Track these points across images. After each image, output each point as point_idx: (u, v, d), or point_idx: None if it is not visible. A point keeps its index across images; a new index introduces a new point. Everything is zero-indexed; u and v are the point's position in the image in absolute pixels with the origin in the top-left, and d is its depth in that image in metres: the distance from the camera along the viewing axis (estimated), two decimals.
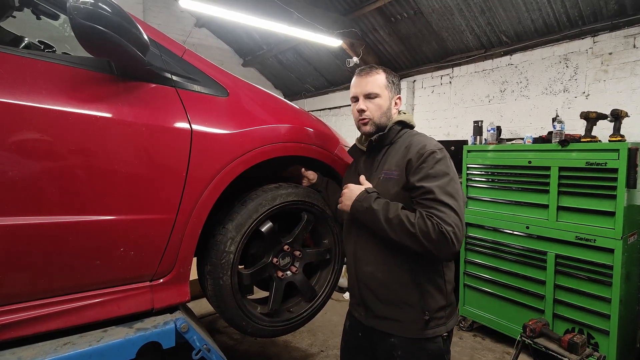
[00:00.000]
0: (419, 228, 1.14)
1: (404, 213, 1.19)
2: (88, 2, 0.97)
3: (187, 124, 1.26)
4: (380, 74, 1.37)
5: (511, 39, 4.08)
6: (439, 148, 1.25)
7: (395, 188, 1.27)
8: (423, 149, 1.24)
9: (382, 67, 1.40)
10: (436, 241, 1.13)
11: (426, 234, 1.13)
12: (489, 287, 3.14)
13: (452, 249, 1.13)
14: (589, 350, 2.10)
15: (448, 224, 1.12)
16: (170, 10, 6.47)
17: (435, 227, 1.12)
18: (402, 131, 1.38)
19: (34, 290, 1.07)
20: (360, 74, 1.39)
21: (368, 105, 1.36)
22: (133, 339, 1.15)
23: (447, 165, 1.23)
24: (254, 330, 1.55)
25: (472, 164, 3.25)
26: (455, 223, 1.13)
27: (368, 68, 1.39)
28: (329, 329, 3.29)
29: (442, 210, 1.14)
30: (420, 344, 1.28)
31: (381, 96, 1.36)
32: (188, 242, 1.30)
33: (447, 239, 1.12)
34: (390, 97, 1.38)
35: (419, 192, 1.20)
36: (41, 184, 1.03)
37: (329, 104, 7.09)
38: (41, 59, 1.08)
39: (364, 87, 1.36)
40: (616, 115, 2.62)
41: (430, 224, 1.13)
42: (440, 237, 1.12)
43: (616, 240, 2.38)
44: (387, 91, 1.37)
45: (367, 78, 1.36)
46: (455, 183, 1.21)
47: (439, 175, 1.19)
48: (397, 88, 1.41)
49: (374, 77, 1.36)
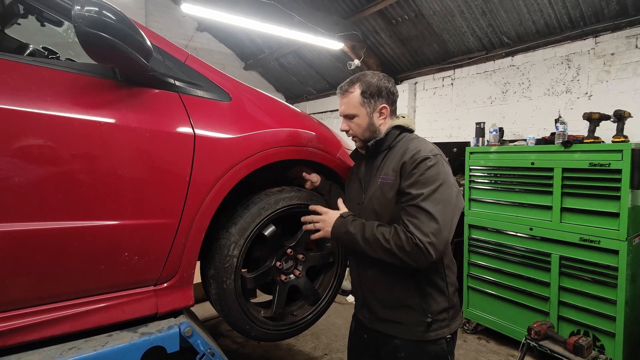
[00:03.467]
0: (394, 243, 1.17)
1: (379, 231, 1.21)
2: (92, 10, 0.98)
3: (190, 128, 1.27)
4: (355, 92, 1.34)
5: (513, 40, 4.08)
6: (433, 154, 1.23)
7: (392, 192, 1.27)
8: (417, 154, 1.23)
9: (361, 79, 1.35)
10: (411, 253, 1.15)
11: (401, 248, 1.15)
12: (492, 289, 3.12)
13: (428, 259, 1.14)
14: (595, 352, 2.08)
15: (424, 234, 1.13)
16: (172, 15, 6.51)
17: (409, 240, 1.14)
18: (401, 135, 1.37)
19: (39, 296, 1.07)
20: (339, 92, 1.40)
21: (350, 125, 1.39)
22: (137, 343, 1.15)
23: (438, 171, 1.20)
24: (257, 334, 1.55)
25: (475, 165, 3.24)
26: (432, 232, 1.13)
27: (346, 85, 1.38)
28: (333, 332, 3.28)
29: (421, 219, 1.15)
30: (424, 346, 1.28)
31: (358, 115, 1.36)
32: (191, 246, 1.31)
33: (421, 250, 1.13)
34: (368, 113, 1.35)
35: (405, 197, 1.21)
36: (46, 189, 1.04)
37: (330, 107, 7.10)
38: (45, 66, 1.09)
39: (342, 109, 1.39)
40: (619, 115, 2.61)
41: (404, 237, 1.15)
42: (415, 249, 1.14)
43: (621, 242, 2.37)
44: (364, 108, 1.34)
45: (343, 99, 1.39)
46: (447, 189, 1.19)
47: (428, 182, 1.18)
48: (377, 99, 1.34)
49: (348, 98, 1.36)
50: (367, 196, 1.37)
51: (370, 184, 1.38)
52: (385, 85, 1.36)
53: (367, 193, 1.38)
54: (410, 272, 1.27)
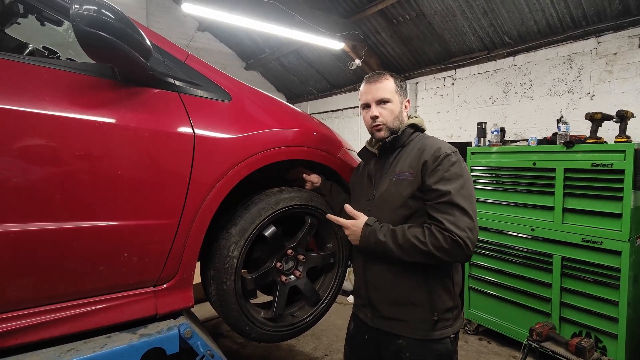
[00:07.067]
0: (431, 244, 1.17)
1: (412, 234, 1.21)
2: (91, 9, 0.97)
3: (190, 128, 1.26)
4: (389, 79, 1.38)
5: (514, 40, 4.06)
6: (453, 151, 1.28)
7: (409, 189, 1.28)
8: (438, 151, 1.26)
9: (388, 72, 1.41)
10: (450, 250, 1.16)
11: (439, 247, 1.16)
12: (494, 290, 3.11)
13: (466, 254, 1.18)
14: (597, 354, 2.07)
15: (461, 229, 1.15)
16: (173, 14, 6.51)
17: (447, 238, 1.16)
18: (414, 134, 1.40)
19: (38, 297, 1.06)
20: (370, 80, 1.39)
21: (381, 112, 1.36)
22: (137, 345, 1.14)
23: (461, 167, 1.25)
24: (257, 335, 1.54)
25: (476, 166, 3.23)
26: (468, 227, 1.17)
27: (376, 74, 1.40)
28: (333, 333, 3.28)
29: (455, 214, 1.17)
30: (429, 345, 1.28)
31: (392, 101, 1.36)
32: (191, 247, 1.30)
33: (460, 246, 1.15)
34: (400, 101, 1.39)
35: (433, 194, 1.22)
36: (45, 190, 1.03)
37: (331, 107, 7.09)
38: (45, 66, 1.08)
39: (375, 93, 1.37)
40: (622, 116, 2.59)
41: (441, 237, 1.16)
42: (454, 245, 1.15)
43: (623, 243, 2.35)
44: (397, 95, 1.38)
45: (377, 84, 1.37)
46: (470, 185, 1.25)
47: (454, 178, 1.21)
48: (405, 92, 1.43)
49: (384, 83, 1.37)
50: (378, 192, 1.38)
51: (382, 180, 1.38)
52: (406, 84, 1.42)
53: (378, 189, 1.38)
54: (421, 270, 1.27)
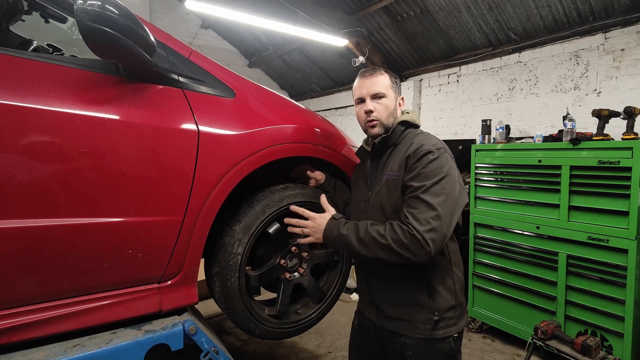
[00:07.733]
0: (391, 238, 1.14)
1: (374, 229, 1.19)
2: (95, 5, 0.97)
3: (194, 125, 1.25)
4: (384, 75, 1.37)
5: (520, 36, 4.03)
6: (436, 148, 1.22)
7: (398, 189, 1.26)
8: (420, 148, 1.22)
9: (383, 68, 1.40)
10: (410, 246, 1.11)
11: (398, 242, 1.12)
12: (498, 288, 3.09)
13: (426, 251, 1.10)
14: (603, 353, 2.05)
15: (422, 225, 1.10)
16: (176, 12, 6.51)
17: (406, 233, 1.12)
18: (406, 131, 1.37)
19: (43, 293, 1.07)
20: (364, 75, 1.38)
21: (375, 106, 1.34)
22: (141, 341, 1.15)
23: (441, 165, 1.18)
24: (261, 332, 1.54)
25: (481, 163, 3.21)
26: (432, 222, 1.11)
27: (371, 69, 1.38)
28: (337, 330, 3.28)
29: (420, 209, 1.13)
30: (432, 345, 1.27)
31: (387, 96, 1.35)
32: (196, 243, 1.30)
33: (419, 242, 1.10)
34: (395, 98, 1.37)
35: (407, 190, 1.20)
36: (50, 186, 1.03)
37: (335, 104, 7.08)
38: (49, 62, 1.08)
39: (370, 87, 1.35)
40: (629, 112, 2.56)
41: (400, 231, 1.13)
42: (413, 240, 1.10)
43: (630, 241, 2.33)
44: (392, 92, 1.36)
45: (372, 79, 1.35)
46: (449, 183, 1.17)
47: (430, 175, 1.17)
48: (399, 89, 1.41)
49: (379, 78, 1.35)
50: (373, 193, 1.36)
51: (376, 181, 1.37)
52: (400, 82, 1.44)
53: (373, 190, 1.37)
54: (420, 269, 1.25)
